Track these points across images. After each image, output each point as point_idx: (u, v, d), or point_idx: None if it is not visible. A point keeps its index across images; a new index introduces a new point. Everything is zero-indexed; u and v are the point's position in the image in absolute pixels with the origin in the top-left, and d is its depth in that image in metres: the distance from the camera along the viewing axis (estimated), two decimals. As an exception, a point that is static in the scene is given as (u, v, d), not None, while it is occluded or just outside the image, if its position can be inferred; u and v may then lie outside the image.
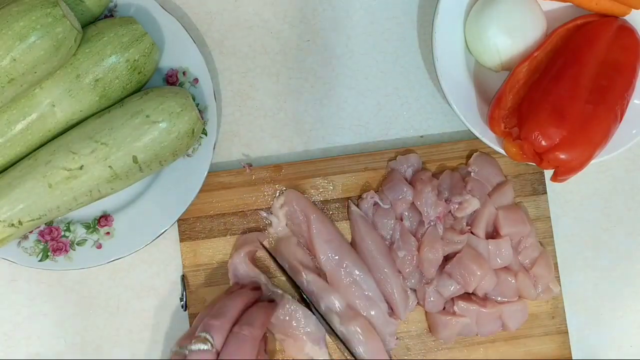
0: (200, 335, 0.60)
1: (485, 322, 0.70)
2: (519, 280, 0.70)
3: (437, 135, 0.75)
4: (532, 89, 0.67)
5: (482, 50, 0.69)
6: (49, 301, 0.72)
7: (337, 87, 0.74)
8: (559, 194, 0.75)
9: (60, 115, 0.64)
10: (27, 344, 0.72)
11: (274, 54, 0.74)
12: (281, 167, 0.72)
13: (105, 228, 0.69)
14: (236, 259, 0.69)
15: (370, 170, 0.72)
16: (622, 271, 0.75)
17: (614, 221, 0.75)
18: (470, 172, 0.72)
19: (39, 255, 0.68)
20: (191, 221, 0.71)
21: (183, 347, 0.60)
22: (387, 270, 0.69)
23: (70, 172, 0.63)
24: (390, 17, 0.75)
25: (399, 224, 0.70)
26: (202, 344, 0.59)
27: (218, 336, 0.60)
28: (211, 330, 0.60)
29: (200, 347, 0.59)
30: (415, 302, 0.70)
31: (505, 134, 0.67)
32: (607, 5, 0.68)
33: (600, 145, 0.65)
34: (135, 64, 0.65)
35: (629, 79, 0.66)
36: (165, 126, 0.63)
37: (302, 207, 0.70)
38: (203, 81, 0.69)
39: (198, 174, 0.69)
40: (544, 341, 0.72)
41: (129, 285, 0.72)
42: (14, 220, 0.63)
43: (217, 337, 0.60)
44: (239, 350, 0.59)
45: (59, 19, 0.60)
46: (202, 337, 0.59)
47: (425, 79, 0.75)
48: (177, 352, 0.61)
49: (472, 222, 0.71)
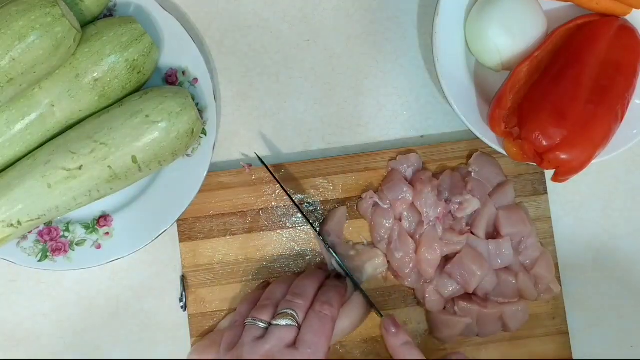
0: (286, 311, 0.62)
1: (485, 322, 0.70)
2: (519, 281, 0.70)
3: (437, 135, 0.75)
4: (532, 89, 0.66)
5: (482, 50, 0.68)
6: (48, 301, 0.72)
7: (337, 87, 0.74)
8: (560, 194, 0.75)
9: (60, 115, 0.64)
10: (27, 344, 0.72)
11: (274, 54, 0.74)
12: (281, 167, 0.72)
13: (104, 228, 0.69)
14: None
15: (370, 170, 0.72)
16: (622, 272, 0.75)
17: (614, 221, 0.75)
18: (471, 172, 0.71)
19: (38, 255, 0.68)
20: (191, 221, 0.71)
21: (259, 320, 0.62)
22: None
23: (70, 172, 0.63)
24: (390, 17, 0.74)
25: (397, 224, 0.70)
26: (288, 319, 0.61)
27: (301, 313, 0.62)
28: (296, 308, 0.62)
29: (286, 321, 0.61)
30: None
31: (505, 134, 0.67)
32: (608, 4, 0.68)
33: (601, 145, 0.65)
34: (135, 64, 0.65)
35: (629, 79, 0.66)
36: (165, 126, 0.63)
37: None
38: (203, 81, 0.69)
39: (197, 174, 0.69)
40: (545, 342, 0.72)
41: (128, 285, 0.72)
42: (13, 220, 0.63)
43: (300, 314, 0.62)
44: (322, 328, 0.62)
45: (58, 18, 0.60)
46: (289, 314, 0.62)
47: (425, 79, 0.75)
48: (253, 323, 0.62)
49: (472, 222, 0.71)
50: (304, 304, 0.63)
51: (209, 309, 0.71)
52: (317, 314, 0.62)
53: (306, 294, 0.64)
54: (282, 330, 0.61)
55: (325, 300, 0.63)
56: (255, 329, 0.62)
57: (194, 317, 0.71)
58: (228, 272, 0.71)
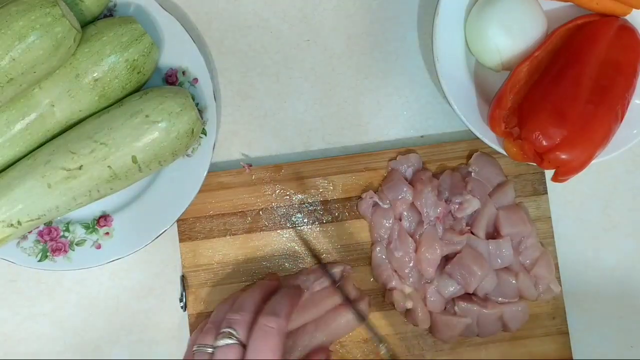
0: (224, 330, 0.59)
1: (486, 322, 0.70)
2: (519, 281, 0.70)
3: (437, 135, 0.75)
4: (532, 89, 0.66)
5: (482, 50, 0.68)
6: (48, 301, 0.72)
7: (337, 87, 0.74)
8: (560, 194, 0.75)
9: (60, 115, 0.64)
10: (27, 344, 0.72)
11: (274, 54, 0.74)
12: (281, 167, 0.72)
13: (104, 228, 0.69)
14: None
15: (370, 170, 0.72)
16: (622, 271, 0.75)
17: (614, 221, 0.75)
18: (471, 172, 0.71)
19: (38, 255, 0.68)
20: (191, 221, 0.71)
21: (204, 345, 0.59)
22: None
23: (70, 172, 0.63)
24: (390, 17, 0.74)
25: (397, 224, 0.70)
26: (227, 339, 0.58)
27: (241, 329, 0.58)
28: (233, 325, 0.59)
29: (226, 341, 0.58)
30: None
31: (505, 134, 0.67)
32: (608, 4, 0.68)
33: (601, 145, 0.65)
34: (135, 64, 0.65)
35: (629, 79, 0.66)
36: (165, 126, 0.63)
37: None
38: (203, 81, 0.69)
39: (197, 174, 0.69)
40: (545, 342, 0.72)
41: (128, 285, 0.72)
42: (13, 220, 0.63)
43: (240, 330, 0.58)
44: (265, 345, 0.57)
45: (58, 18, 0.60)
46: (227, 332, 0.58)
47: (425, 79, 0.75)
48: (199, 350, 0.60)
49: (472, 222, 0.71)
50: (242, 319, 0.59)
51: (208, 309, 0.71)
52: (261, 327, 0.58)
53: (244, 307, 0.60)
54: (224, 350, 0.58)
55: (270, 311, 0.59)
56: (202, 354, 0.59)
57: (194, 317, 0.71)
58: (228, 272, 0.71)
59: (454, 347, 0.71)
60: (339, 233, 0.72)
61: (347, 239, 0.72)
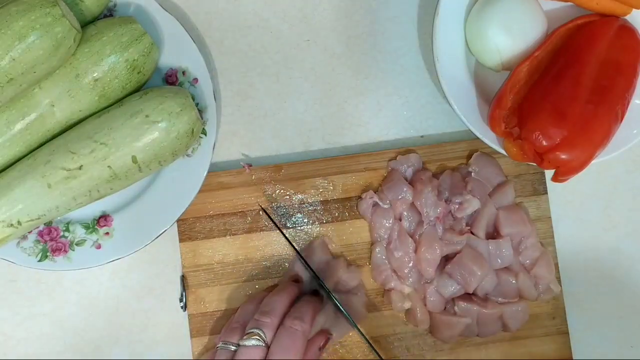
0: (252, 330, 0.61)
1: (486, 322, 0.70)
2: (519, 281, 0.70)
3: (437, 135, 0.75)
4: (532, 89, 0.66)
5: (482, 50, 0.68)
6: (48, 301, 0.72)
7: (337, 87, 0.74)
8: (560, 194, 0.75)
9: (60, 115, 0.64)
10: (27, 344, 0.72)
11: (274, 54, 0.74)
12: (281, 167, 0.72)
13: (104, 228, 0.69)
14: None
15: (370, 170, 0.72)
16: (623, 271, 0.75)
17: (614, 221, 0.75)
18: (471, 172, 0.71)
19: (38, 255, 0.68)
20: (190, 221, 0.71)
21: (228, 343, 0.62)
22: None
23: (70, 172, 0.63)
24: (390, 17, 0.74)
25: (397, 224, 0.70)
26: (255, 340, 0.61)
27: (269, 332, 0.61)
28: (262, 327, 0.61)
29: (253, 342, 0.60)
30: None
31: (505, 134, 0.67)
32: (608, 4, 0.68)
33: (601, 145, 0.65)
34: (135, 64, 0.65)
35: (629, 79, 0.66)
36: (165, 126, 0.63)
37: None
38: (203, 81, 0.69)
39: (197, 174, 0.69)
40: (545, 341, 0.72)
41: (128, 285, 0.72)
42: (13, 220, 0.63)
43: (268, 333, 0.61)
44: (291, 345, 0.61)
45: (58, 18, 0.60)
46: (255, 333, 0.61)
47: (425, 79, 0.75)
48: (222, 347, 0.62)
49: (472, 222, 0.70)
50: (271, 322, 0.62)
51: (208, 309, 0.71)
52: (287, 329, 0.61)
53: (274, 311, 0.63)
54: (249, 350, 0.60)
55: (297, 316, 0.62)
56: (225, 352, 0.62)
57: (194, 317, 0.71)
58: (228, 272, 0.71)
59: (454, 347, 0.71)
60: (338, 233, 0.72)
61: (347, 239, 0.72)
